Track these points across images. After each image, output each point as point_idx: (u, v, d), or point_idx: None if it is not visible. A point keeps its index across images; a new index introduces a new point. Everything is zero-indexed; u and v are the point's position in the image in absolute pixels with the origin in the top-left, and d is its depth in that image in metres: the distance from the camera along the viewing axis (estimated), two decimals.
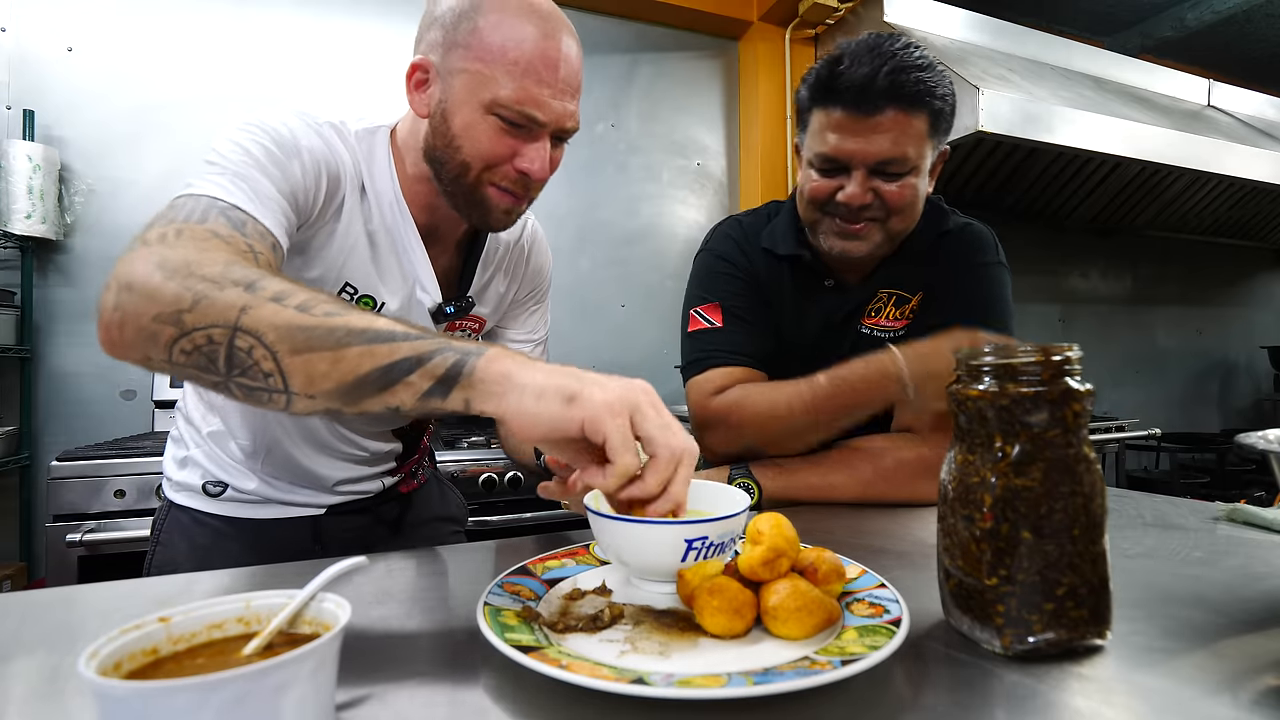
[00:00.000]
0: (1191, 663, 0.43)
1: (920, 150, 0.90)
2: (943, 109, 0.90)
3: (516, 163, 0.76)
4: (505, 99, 0.72)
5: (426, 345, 0.50)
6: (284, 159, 0.70)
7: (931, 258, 1.01)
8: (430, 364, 0.49)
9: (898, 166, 0.89)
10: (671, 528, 0.51)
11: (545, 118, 0.74)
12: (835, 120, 0.89)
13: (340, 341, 0.49)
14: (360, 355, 0.49)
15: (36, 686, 0.43)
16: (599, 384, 0.49)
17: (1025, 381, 0.44)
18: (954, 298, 0.99)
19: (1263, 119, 3.38)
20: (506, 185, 0.77)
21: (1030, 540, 0.44)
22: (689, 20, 2.81)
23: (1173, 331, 3.99)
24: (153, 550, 0.91)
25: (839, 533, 0.77)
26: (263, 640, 0.35)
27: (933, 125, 0.90)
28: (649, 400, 0.50)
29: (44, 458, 1.93)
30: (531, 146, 0.75)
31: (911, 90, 0.86)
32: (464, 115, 0.74)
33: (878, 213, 0.92)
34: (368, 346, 0.49)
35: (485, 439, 1.97)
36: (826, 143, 0.91)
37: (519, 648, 0.40)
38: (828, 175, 0.93)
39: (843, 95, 0.88)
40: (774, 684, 0.36)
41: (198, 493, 0.90)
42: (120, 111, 2.09)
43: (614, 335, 2.67)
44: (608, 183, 2.72)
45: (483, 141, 0.74)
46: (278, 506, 0.91)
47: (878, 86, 0.86)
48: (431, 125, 0.76)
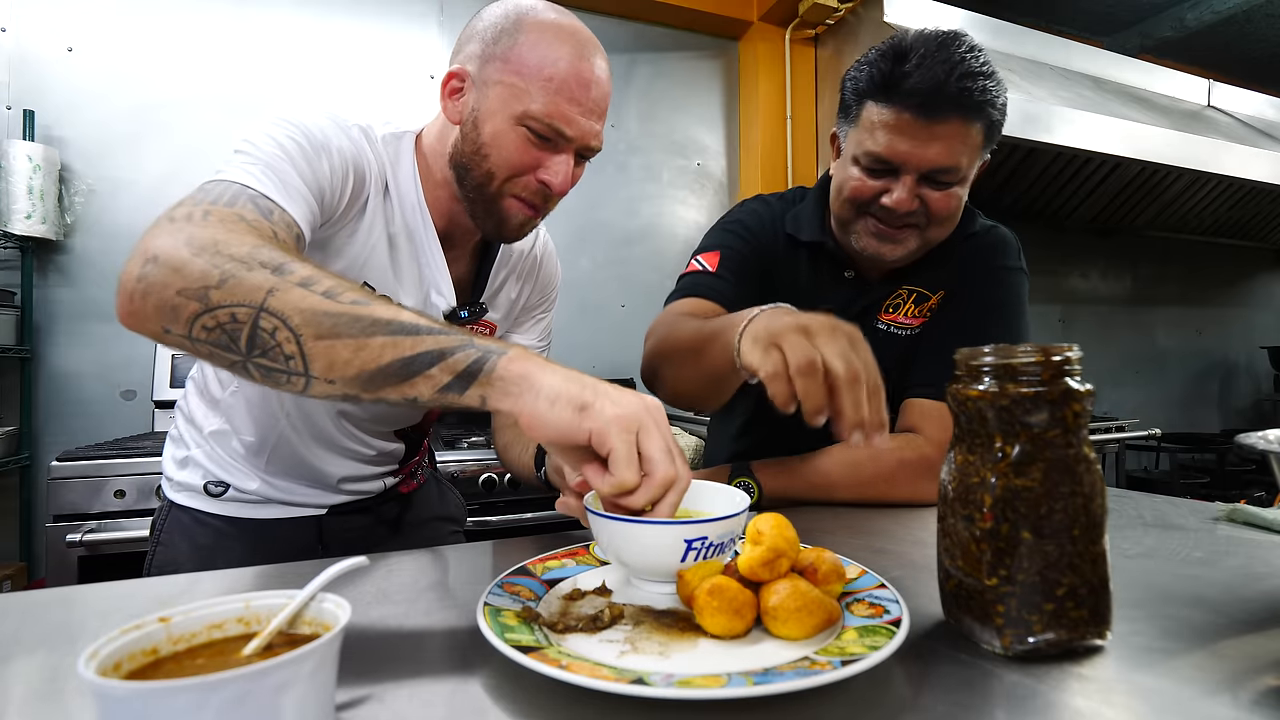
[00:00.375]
0: (1191, 663, 0.43)
1: (972, 160, 0.88)
2: (999, 120, 0.88)
3: (539, 174, 0.78)
4: (537, 112, 0.75)
5: (450, 340, 0.51)
6: (314, 155, 0.71)
7: (955, 258, 1.00)
8: (452, 359, 0.50)
9: (949, 176, 0.87)
10: (671, 528, 0.51)
11: (572, 133, 0.77)
12: (894, 120, 0.85)
13: (365, 330, 0.50)
14: (384, 345, 0.50)
15: (36, 686, 0.42)
16: (611, 398, 0.50)
17: (1025, 381, 0.44)
18: (970, 299, 0.98)
19: (1263, 119, 3.38)
20: (526, 196, 0.80)
21: (1030, 540, 0.44)
22: (689, 20, 2.81)
23: (1173, 331, 3.99)
24: (153, 551, 0.91)
25: (839, 533, 0.77)
26: (263, 640, 0.35)
27: (987, 136, 0.88)
28: (656, 421, 0.51)
29: (44, 458, 1.93)
30: (556, 159, 0.78)
31: (977, 99, 0.83)
32: (495, 124, 0.76)
33: (919, 219, 0.90)
34: (392, 338, 0.50)
35: (485, 439, 1.96)
36: (879, 142, 0.87)
37: (519, 648, 0.40)
38: (875, 176, 0.90)
39: (908, 95, 0.83)
40: (774, 684, 0.36)
41: (199, 493, 0.90)
42: (120, 111, 2.09)
43: (614, 335, 2.67)
44: (608, 183, 2.72)
45: (510, 150, 0.77)
46: (280, 507, 0.91)
47: (947, 92, 0.82)
48: (462, 132, 0.79)
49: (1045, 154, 2.51)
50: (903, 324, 1.01)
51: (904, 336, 1.01)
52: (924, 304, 1.01)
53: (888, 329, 1.01)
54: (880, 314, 1.01)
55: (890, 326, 1.01)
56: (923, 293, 1.01)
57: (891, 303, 1.01)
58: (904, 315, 1.01)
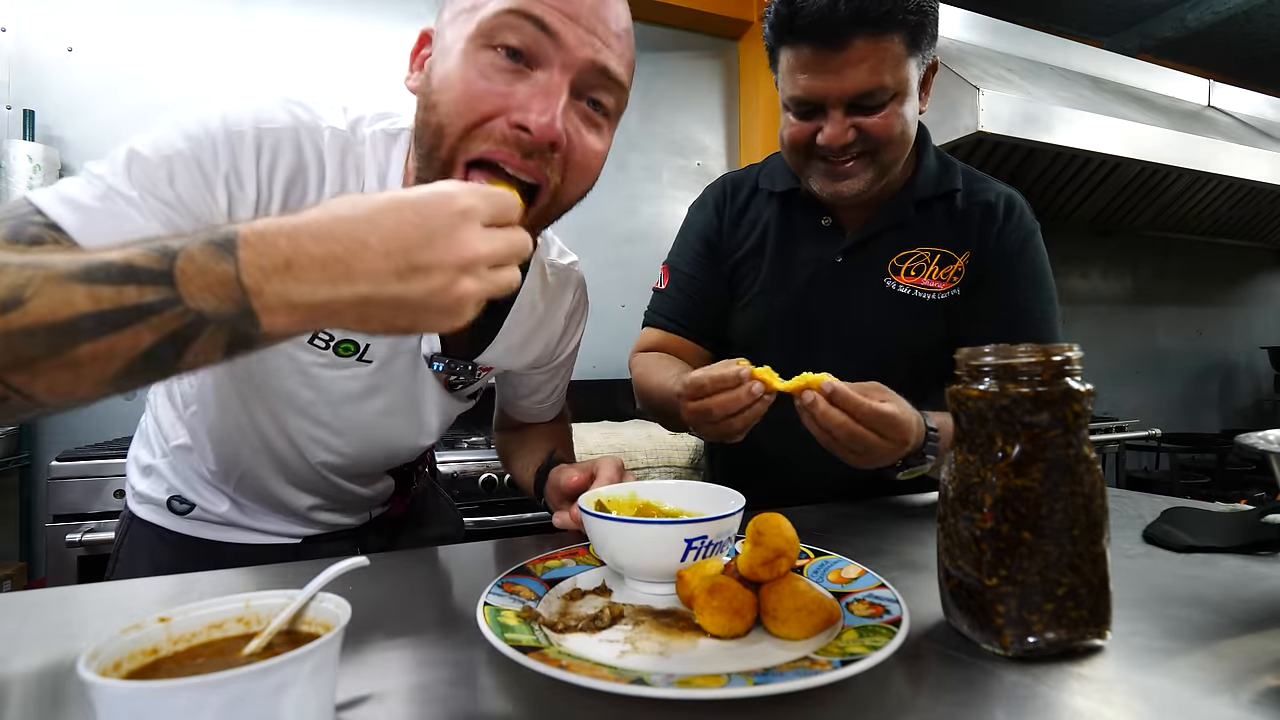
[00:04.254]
0: (1191, 663, 0.43)
1: (900, 75, 0.83)
2: (921, 22, 0.82)
3: (511, 115, 0.56)
4: (496, 11, 0.55)
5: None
6: (187, 162, 0.56)
7: (974, 220, 0.96)
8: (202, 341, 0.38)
9: (877, 98, 0.83)
10: (671, 527, 0.51)
11: (556, 27, 0.55)
12: (802, 59, 0.83)
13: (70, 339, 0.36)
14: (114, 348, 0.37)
15: (36, 686, 0.42)
16: (383, 265, 0.39)
17: (1025, 382, 0.44)
18: (1001, 277, 0.95)
19: (1263, 119, 3.37)
20: (499, 155, 0.57)
21: (1030, 540, 0.44)
22: (689, 20, 2.81)
23: (1173, 331, 3.99)
24: (112, 567, 0.82)
25: (839, 533, 0.77)
26: (263, 640, 0.35)
27: (911, 43, 0.82)
28: (455, 215, 0.41)
29: (44, 458, 1.93)
30: (531, 87, 0.56)
31: (878, 12, 0.78)
32: (447, 62, 0.57)
33: (864, 146, 0.86)
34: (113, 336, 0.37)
35: (485, 439, 1.97)
36: (797, 85, 0.85)
37: (519, 648, 0.40)
38: (804, 118, 0.87)
39: (805, 32, 0.81)
40: (774, 684, 0.36)
41: (162, 508, 0.80)
42: (120, 111, 2.09)
43: (614, 335, 2.67)
44: (608, 182, 2.70)
45: (463, 84, 0.56)
46: (249, 533, 0.80)
47: (840, 15, 0.78)
48: (419, 100, 0.61)
49: (1045, 154, 2.51)
50: (929, 287, 0.96)
51: (929, 301, 0.96)
52: (948, 266, 0.96)
53: (911, 291, 0.96)
54: (897, 275, 0.96)
55: (914, 290, 0.96)
56: (946, 254, 0.96)
57: (912, 265, 0.96)
58: (929, 278, 0.96)
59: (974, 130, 2.17)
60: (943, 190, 0.96)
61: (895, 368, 0.94)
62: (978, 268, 0.96)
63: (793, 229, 1.01)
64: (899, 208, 0.96)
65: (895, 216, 0.96)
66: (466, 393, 0.84)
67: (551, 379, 0.95)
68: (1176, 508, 0.78)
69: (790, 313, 0.99)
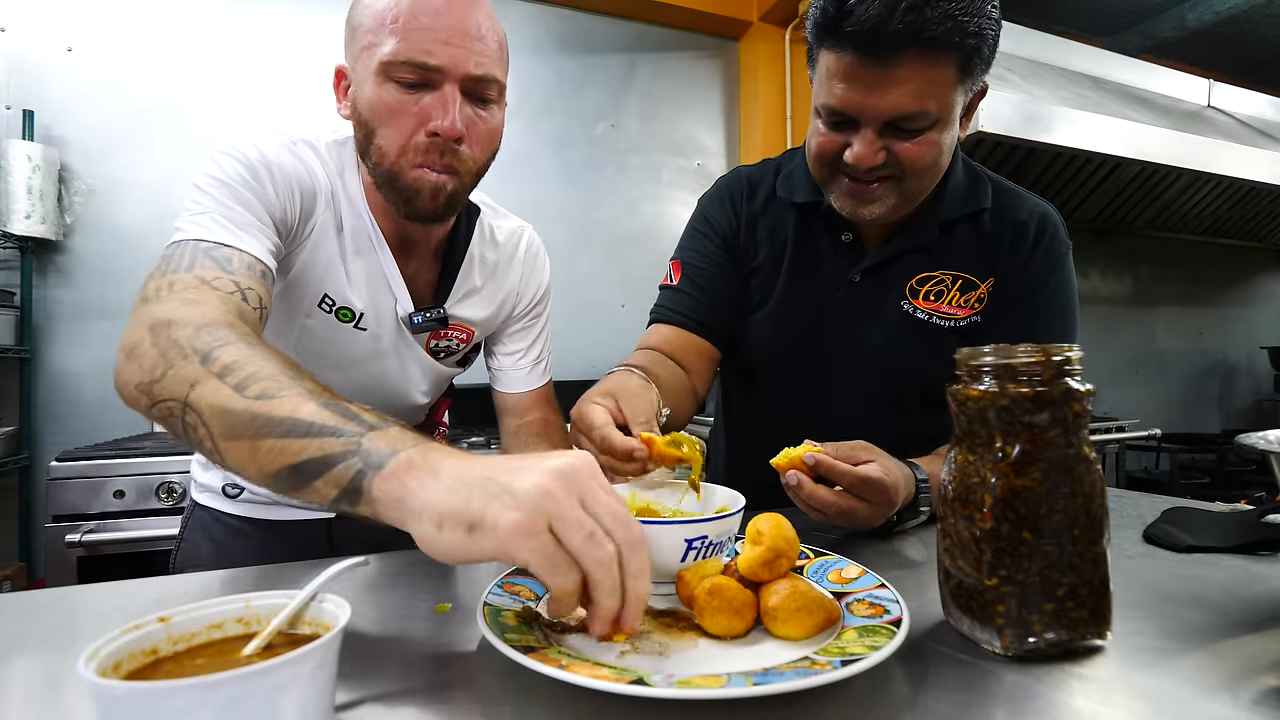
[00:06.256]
0: (1191, 663, 0.43)
1: (946, 101, 0.76)
2: (979, 47, 0.74)
3: (428, 126, 0.72)
4: (390, 54, 0.70)
5: (335, 445, 0.45)
6: (259, 182, 0.72)
7: (1002, 244, 0.90)
8: (334, 471, 0.44)
9: (916, 122, 0.76)
10: (671, 528, 0.51)
11: (437, 62, 0.71)
12: (842, 66, 0.75)
13: (259, 432, 0.47)
14: (272, 450, 0.46)
15: (36, 686, 0.43)
16: (505, 500, 0.39)
17: (1025, 382, 0.44)
18: (1026, 306, 0.89)
19: (1263, 119, 3.37)
20: (425, 159, 0.74)
21: (1030, 540, 0.44)
22: (689, 20, 2.81)
23: (1173, 332, 3.99)
24: (177, 547, 0.96)
25: (839, 533, 0.77)
26: (263, 640, 0.35)
27: (964, 68, 0.75)
28: (569, 494, 0.40)
29: (44, 458, 1.93)
30: (433, 101, 0.72)
31: (937, 30, 0.71)
32: (366, 93, 0.73)
33: (892, 171, 0.80)
34: (280, 441, 0.46)
35: (485, 439, 1.96)
36: (833, 93, 0.77)
37: (519, 648, 0.40)
38: (835, 129, 0.80)
39: (851, 37, 0.73)
40: (774, 684, 0.36)
41: (218, 494, 0.93)
42: (120, 111, 2.09)
43: (614, 335, 2.67)
44: (608, 183, 2.72)
45: (386, 112, 0.72)
46: (291, 509, 0.93)
47: (893, 27, 0.70)
48: (354, 125, 0.77)
49: (1045, 154, 2.51)
50: (947, 314, 0.91)
51: (948, 328, 0.91)
52: (970, 293, 0.91)
53: (929, 318, 0.91)
54: (915, 299, 0.91)
55: (933, 316, 0.91)
56: (969, 279, 0.90)
57: (933, 289, 0.91)
58: (948, 304, 0.91)
59: (974, 130, 2.17)
60: (969, 210, 0.91)
61: (908, 392, 0.92)
62: (1001, 294, 0.91)
63: (813, 244, 0.95)
64: (923, 229, 0.90)
65: (918, 239, 0.91)
66: (453, 360, 0.97)
67: (528, 331, 1.02)
68: (1176, 508, 0.78)
69: (804, 330, 0.95)
